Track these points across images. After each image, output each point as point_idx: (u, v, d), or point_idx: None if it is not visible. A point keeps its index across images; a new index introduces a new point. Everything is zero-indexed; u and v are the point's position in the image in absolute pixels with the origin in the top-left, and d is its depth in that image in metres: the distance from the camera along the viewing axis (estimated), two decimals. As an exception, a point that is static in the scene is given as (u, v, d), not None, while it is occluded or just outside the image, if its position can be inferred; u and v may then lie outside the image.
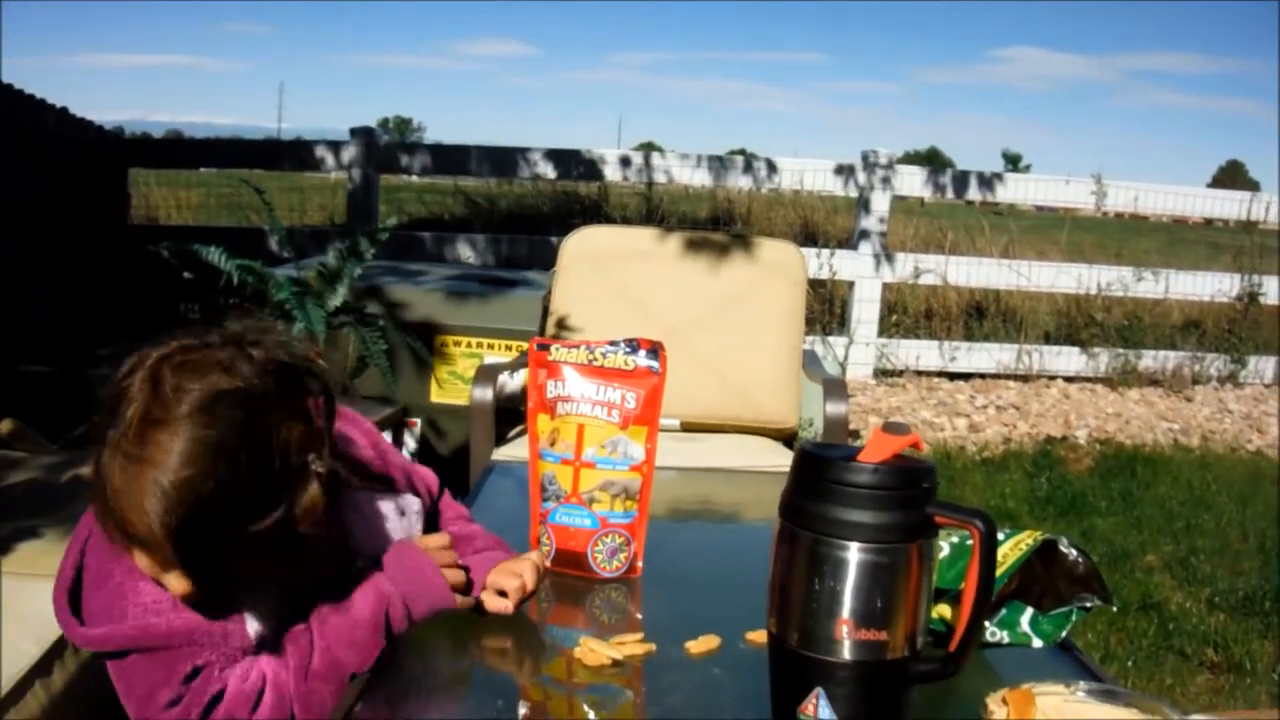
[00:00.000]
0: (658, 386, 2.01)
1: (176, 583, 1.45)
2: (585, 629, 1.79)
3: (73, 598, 1.55)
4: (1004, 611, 1.75)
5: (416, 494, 1.89)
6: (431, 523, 1.96)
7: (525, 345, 2.14)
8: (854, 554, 1.36)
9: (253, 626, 1.55)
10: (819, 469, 1.40)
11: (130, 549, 1.44)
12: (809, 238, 9.84)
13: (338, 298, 4.02)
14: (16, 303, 5.81)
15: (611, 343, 2.03)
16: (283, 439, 1.45)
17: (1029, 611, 1.75)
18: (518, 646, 1.79)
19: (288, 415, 1.48)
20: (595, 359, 2.02)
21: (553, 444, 2.03)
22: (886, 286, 8.35)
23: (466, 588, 1.76)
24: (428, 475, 2.02)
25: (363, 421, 1.90)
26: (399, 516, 1.80)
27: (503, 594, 1.80)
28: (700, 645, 1.69)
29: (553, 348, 2.05)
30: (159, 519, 1.36)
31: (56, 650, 2.31)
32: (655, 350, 2.03)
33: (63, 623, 1.54)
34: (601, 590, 1.98)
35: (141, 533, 1.38)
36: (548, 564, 2.01)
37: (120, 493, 1.38)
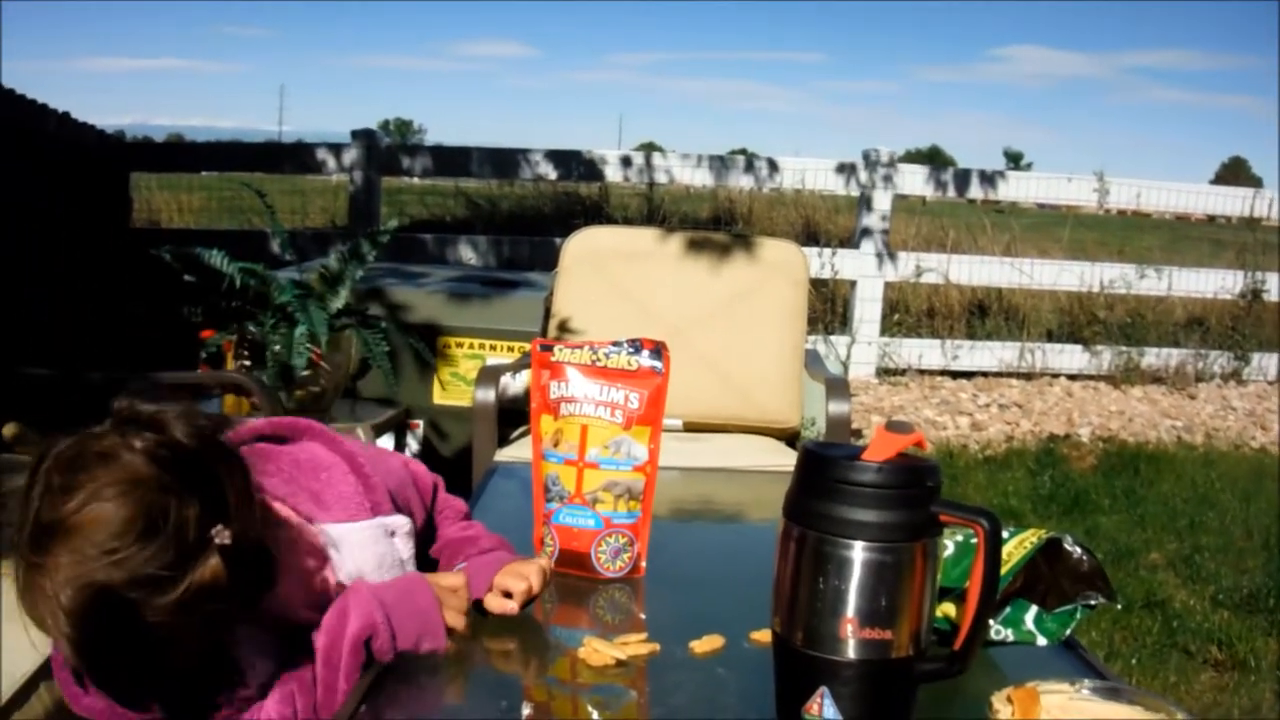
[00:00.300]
0: (661, 387, 2.01)
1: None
2: (589, 629, 1.79)
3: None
4: (1008, 610, 1.75)
5: (405, 510, 1.85)
6: (429, 523, 1.96)
7: (527, 346, 2.14)
8: (858, 553, 1.36)
9: (261, 665, 1.55)
10: (823, 468, 1.40)
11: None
12: (811, 237, 9.84)
13: (340, 300, 4.02)
14: (17, 305, 5.81)
15: (614, 343, 2.03)
16: (173, 522, 1.42)
17: (1033, 610, 1.75)
18: (522, 647, 1.78)
19: (179, 496, 1.43)
20: (598, 359, 2.02)
21: (556, 445, 2.03)
22: (889, 285, 8.34)
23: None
24: (423, 476, 2.01)
25: (343, 443, 1.83)
26: (387, 538, 1.77)
27: (508, 595, 1.80)
28: (704, 645, 1.69)
29: (556, 348, 2.05)
30: (59, 630, 1.36)
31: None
32: (658, 350, 2.03)
33: (65, 690, 1.52)
34: (605, 590, 1.98)
35: (53, 639, 1.39)
36: (552, 565, 2.02)
37: (25, 601, 1.38)
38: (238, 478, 1.49)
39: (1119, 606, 4.19)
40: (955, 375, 8.31)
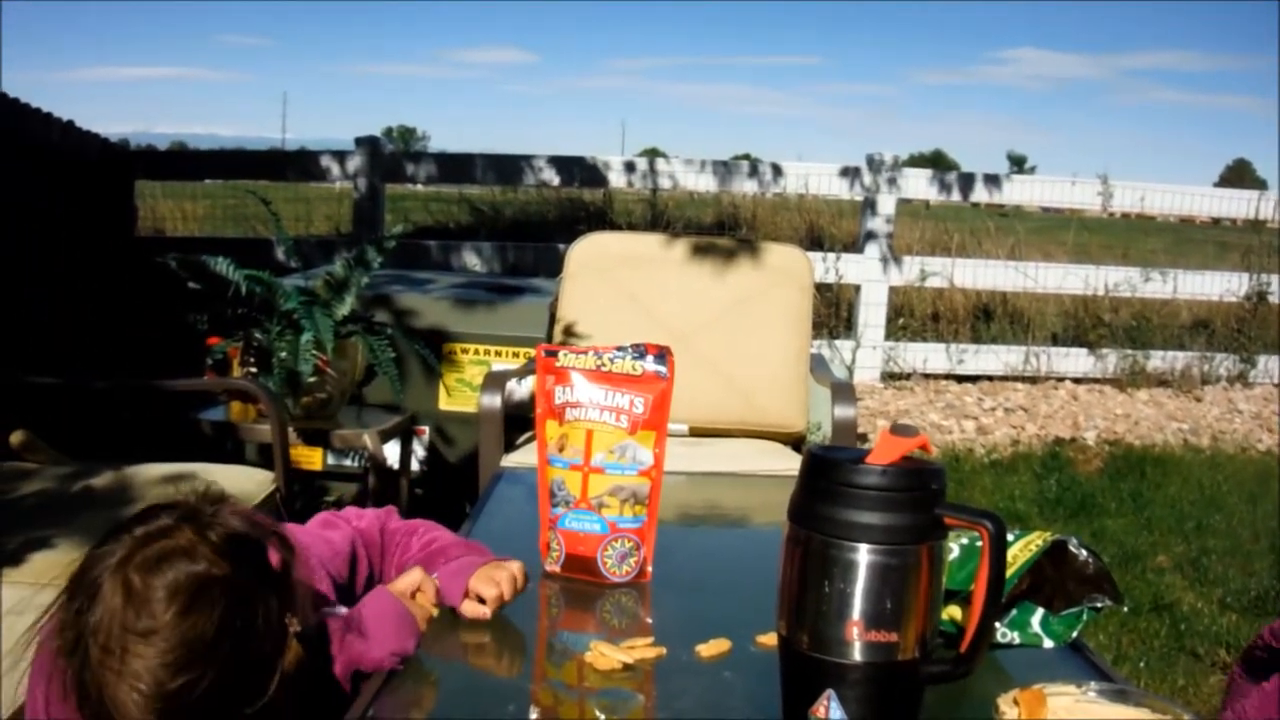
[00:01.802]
0: (666, 391, 2.02)
1: None
2: (596, 633, 1.80)
3: None
4: (1015, 612, 1.75)
5: (340, 598, 1.84)
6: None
7: (533, 352, 2.14)
8: (864, 556, 1.36)
9: None
10: (828, 472, 1.41)
11: None
12: (815, 241, 9.83)
13: (345, 307, 4.03)
14: (22, 311, 5.82)
15: (619, 348, 2.03)
16: (261, 616, 1.45)
17: (1040, 612, 1.76)
18: (529, 651, 1.79)
19: (259, 588, 1.47)
20: (603, 365, 2.02)
21: (561, 450, 2.03)
22: (893, 289, 8.34)
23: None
24: (369, 537, 2.00)
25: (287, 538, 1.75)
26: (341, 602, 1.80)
27: (481, 601, 1.81)
28: (711, 649, 1.69)
29: (560, 354, 2.06)
30: None
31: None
32: (663, 355, 2.03)
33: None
34: (611, 595, 1.98)
35: None
36: (557, 568, 2.02)
37: (104, 699, 1.38)
38: (297, 566, 1.54)
39: (1125, 609, 4.19)
40: (960, 379, 8.30)
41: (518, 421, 3.72)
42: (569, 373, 2.03)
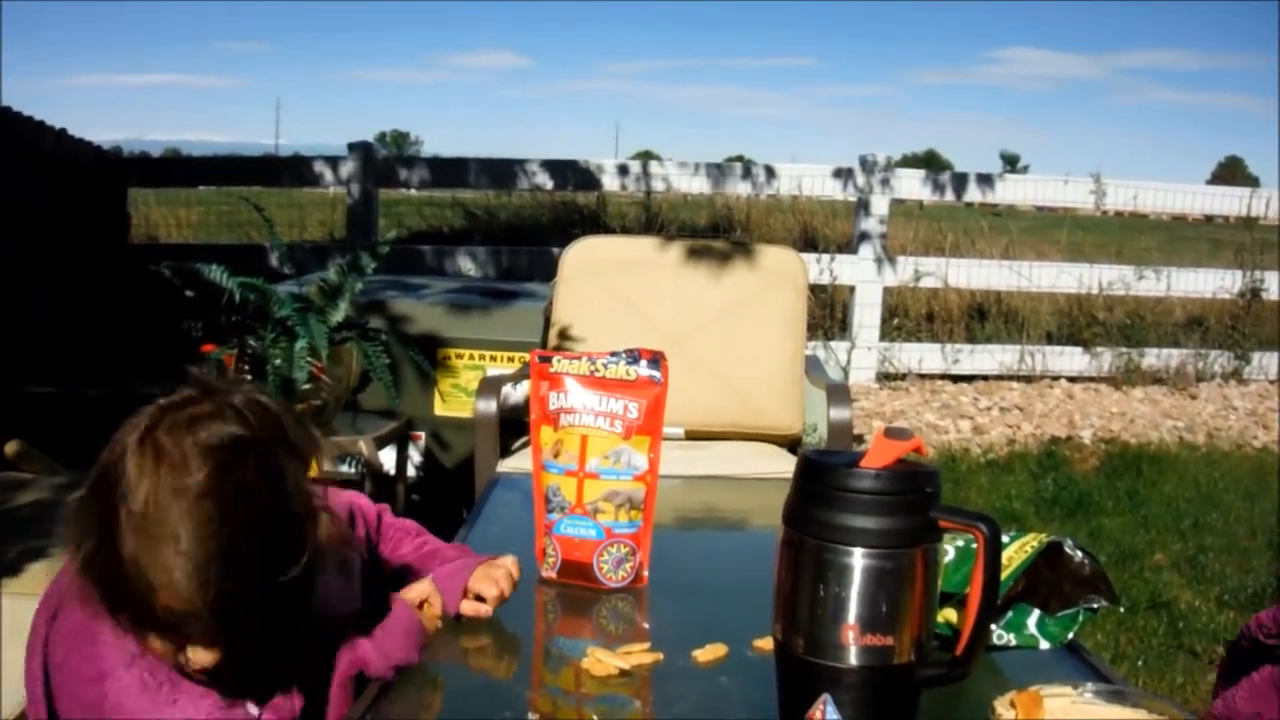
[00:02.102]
0: (660, 396, 2.01)
1: (203, 655, 1.43)
2: (592, 639, 1.80)
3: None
4: (1010, 614, 1.75)
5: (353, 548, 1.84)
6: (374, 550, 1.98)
7: (528, 357, 2.14)
8: (858, 560, 1.36)
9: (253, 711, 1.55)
10: (822, 475, 1.41)
11: (146, 634, 1.41)
12: (809, 243, 9.83)
13: (340, 313, 4.02)
14: (16, 319, 5.81)
15: (613, 354, 2.04)
16: (290, 477, 1.45)
17: (1036, 614, 1.76)
18: (526, 657, 1.79)
19: (287, 453, 1.47)
20: (597, 370, 2.02)
21: (556, 455, 2.03)
22: (887, 290, 8.34)
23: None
24: (366, 508, 2.01)
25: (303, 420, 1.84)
26: (340, 577, 1.78)
27: (480, 599, 1.82)
28: (707, 654, 1.69)
29: (554, 359, 2.06)
30: (197, 593, 1.34)
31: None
32: (656, 360, 2.03)
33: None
34: (608, 600, 1.98)
35: (179, 610, 1.35)
36: (553, 574, 2.02)
37: (145, 575, 1.35)
38: (314, 446, 1.57)
39: (1123, 609, 4.20)
40: (956, 379, 8.30)
41: (513, 426, 3.72)
42: (563, 378, 2.03)
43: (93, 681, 1.47)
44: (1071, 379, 8.37)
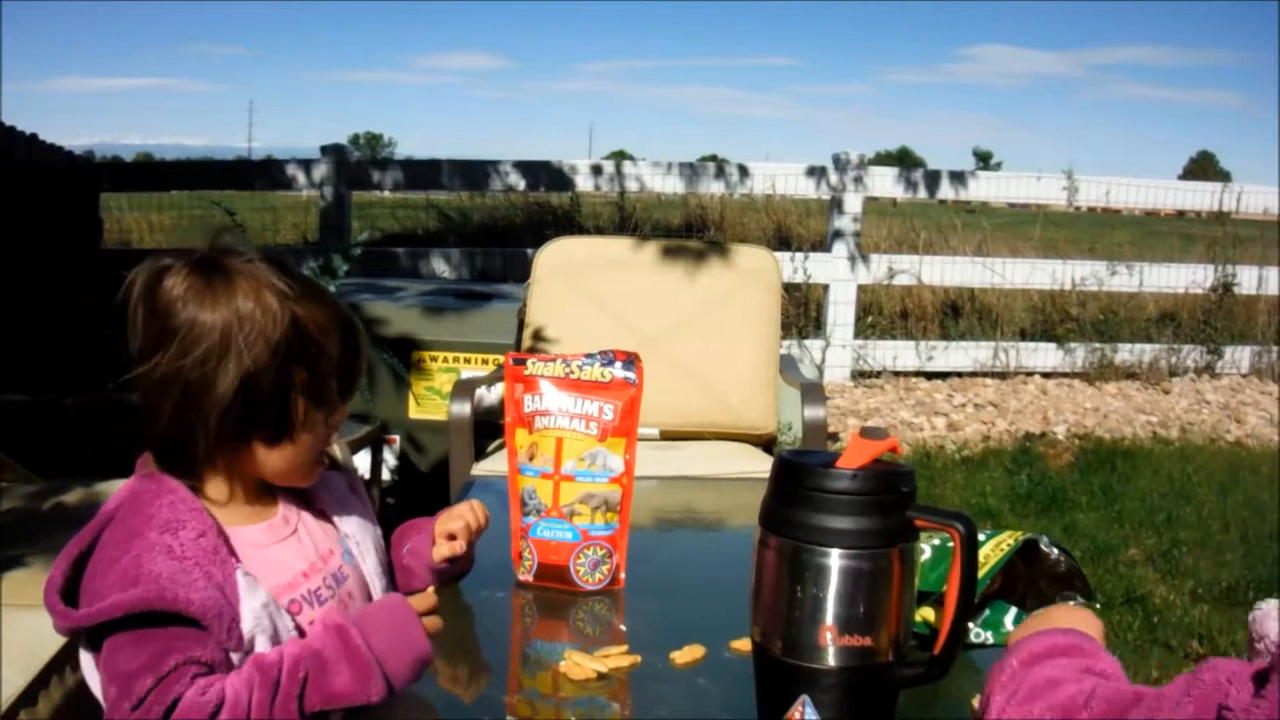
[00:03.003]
0: (635, 398, 2.01)
1: (273, 456, 1.58)
2: (570, 643, 1.79)
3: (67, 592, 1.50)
4: (988, 612, 1.76)
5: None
6: None
7: (502, 359, 2.13)
8: (835, 560, 1.36)
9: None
10: (798, 476, 1.41)
11: (215, 461, 1.55)
12: (783, 241, 9.85)
13: (312, 316, 4.01)
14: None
15: (587, 355, 2.03)
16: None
17: (1013, 611, 1.76)
18: (503, 661, 1.78)
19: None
20: (571, 372, 2.02)
21: (531, 458, 2.03)
22: (861, 288, 8.36)
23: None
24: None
25: None
26: (351, 494, 1.81)
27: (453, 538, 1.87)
28: (685, 656, 1.69)
29: (529, 362, 2.06)
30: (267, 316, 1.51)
31: (42, 681, 2.30)
32: (631, 361, 2.03)
33: (50, 606, 1.47)
34: (585, 603, 1.98)
35: (320, 325, 1.57)
36: (530, 577, 2.02)
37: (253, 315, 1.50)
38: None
39: (1098, 605, 4.21)
40: (930, 376, 8.33)
41: (488, 428, 3.71)
42: (537, 381, 2.03)
43: (122, 543, 1.49)
44: (1045, 375, 8.41)
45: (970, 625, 1.72)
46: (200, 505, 1.54)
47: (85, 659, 1.51)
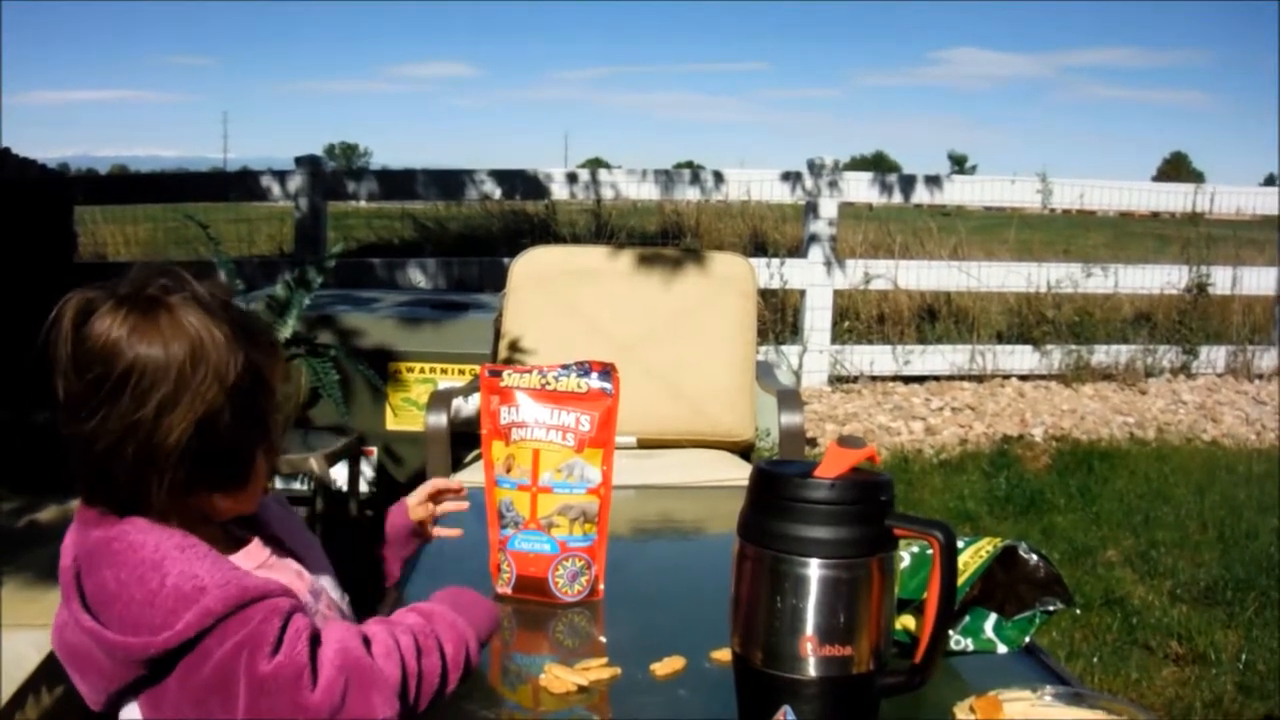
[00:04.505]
0: (611, 408, 2.01)
1: (226, 502, 1.52)
2: (549, 655, 1.78)
3: None
4: (967, 619, 1.75)
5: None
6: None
7: (479, 369, 2.12)
8: (814, 570, 1.36)
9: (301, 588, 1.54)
10: (776, 487, 1.40)
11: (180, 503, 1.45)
12: (759, 247, 9.86)
13: (288, 329, 4.01)
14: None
15: (563, 367, 2.03)
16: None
17: (992, 618, 1.76)
18: (482, 675, 1.77)
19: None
20: (548, 383, 2.01)
21: (509, 470, 2.02)
22: (838, 293, 8.36)
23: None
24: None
25: None
26: (278, 505, 1.77)
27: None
28: (665, 667, 1.68)
29: (504, 374, 2.04)
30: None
31: (18, 701, 2.28)
32: (607, 372, 2.02)
33: (118, 644, 1.37)
34: (564, 615, 1.97)
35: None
36: (509, 590, 2.02)
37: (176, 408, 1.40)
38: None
39: (1077, 610, 4.22)
40: (907, 380, 8.34)
41: (465, 439, 3.70)
42: (513, 392, 2.02)
43: (147, 575, 1.38)
44: (1022, 377, 8.43)
45: (951, 632, 1.72)
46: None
47: (129, 716, 1.44)
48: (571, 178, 8.53)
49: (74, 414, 1.41)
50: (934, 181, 8.75)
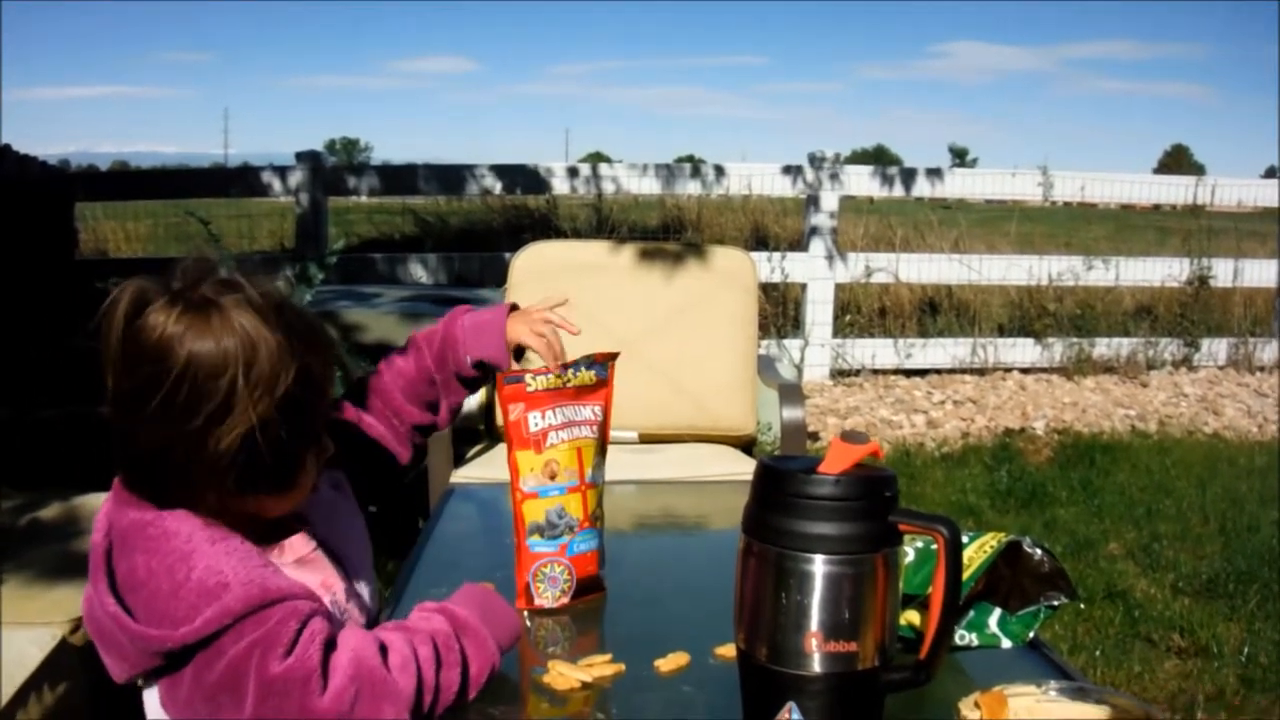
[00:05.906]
0: (609, 394, 1.99)
1: (271, 503, 1.52)
2: (553, 651, 1.78)
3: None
4: (972, 614, 1.75)
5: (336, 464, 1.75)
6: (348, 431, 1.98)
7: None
8: (819, 566, 1.36)
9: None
10: (780, 483, 1.40)
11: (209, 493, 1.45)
12: (760, 241, 9.86)
13: (289, 325, 3.99)
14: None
15: (575, 363, 1.98)
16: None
17: (997, 612, 1.76)
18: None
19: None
20: (567, 380, 1.94)
21: (553, 477, 1.91)
22: (839, 287, 8.36)
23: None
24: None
25: None
26: (332, 489, 1.76)
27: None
28: (669, 663, 1.68)
29: (526, 378, 1.92)
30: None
31: (19, 699, 2.28)
32: (605, 363, 2.00)
33: (141, 634, 1.39)
34: (567, 611, 1.96)
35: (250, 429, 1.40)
36: (567, 600, 1.95)
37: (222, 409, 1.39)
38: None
39: (1080, 604, 4.22)
40: (909, 374, 8.34)
41: (466, 435, 3.70)
42: (541, 396, 1.92)
43: (175, 565, 1.40)
44: (1024, 370, 8.43)
45: (955, 627, 1.72)
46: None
47: (150, 699, 1.46)
48: (572, 172, 8.53)
49: (122, 409, 1.43)
50: (935, 174, 8.74)
